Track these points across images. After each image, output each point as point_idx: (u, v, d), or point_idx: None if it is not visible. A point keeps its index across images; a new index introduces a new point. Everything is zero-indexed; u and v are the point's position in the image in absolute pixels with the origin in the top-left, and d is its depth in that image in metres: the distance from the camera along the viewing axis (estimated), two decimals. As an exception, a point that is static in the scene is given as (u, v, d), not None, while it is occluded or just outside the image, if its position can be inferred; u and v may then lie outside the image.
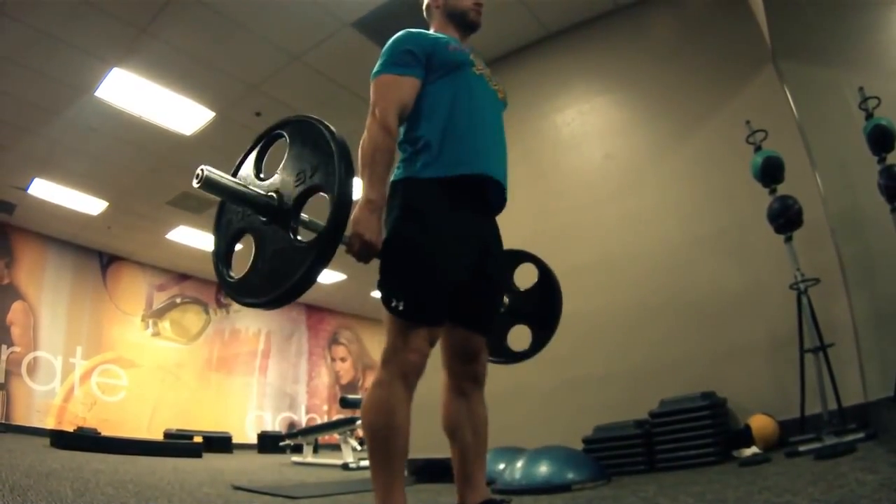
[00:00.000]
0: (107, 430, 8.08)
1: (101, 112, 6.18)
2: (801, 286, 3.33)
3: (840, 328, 3.46)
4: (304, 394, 12.87)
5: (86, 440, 6.18)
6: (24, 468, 3.44)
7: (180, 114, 6.33)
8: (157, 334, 10.74)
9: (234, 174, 1.76)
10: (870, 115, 3.29)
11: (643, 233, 4.38)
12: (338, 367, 13.82)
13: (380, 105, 1.77)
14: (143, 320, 10.63)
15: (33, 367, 8.91)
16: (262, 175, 1.72)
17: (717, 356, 3.87)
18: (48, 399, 8.95)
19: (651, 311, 4.18)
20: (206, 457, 6.89)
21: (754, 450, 3.29)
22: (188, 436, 8.61)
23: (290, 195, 1.57)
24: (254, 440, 10.40)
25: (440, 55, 1.87)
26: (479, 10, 2.12)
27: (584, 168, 4.81)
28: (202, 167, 1.53)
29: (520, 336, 2.28)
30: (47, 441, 6.22)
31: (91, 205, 8.37)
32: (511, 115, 2.15)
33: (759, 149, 3.63)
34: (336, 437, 6.85)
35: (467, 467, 1.83)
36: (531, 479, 3.17)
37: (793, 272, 3.38)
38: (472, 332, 1.85)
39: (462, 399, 1.85)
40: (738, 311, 3.90)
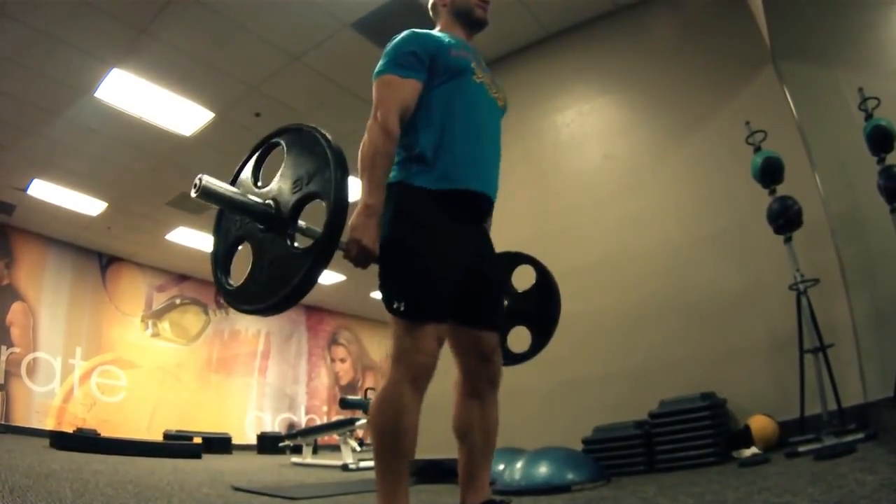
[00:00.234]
0: (106, 431, 8.08)
1: (101, 113, 6.17)
2: (801, 287, 3.33)
3: (840, 329, 3.46)
4: (303, 394, 12.86)
5: (85, 441, 6.18)
6: (23, 469, 3.44)
7: (180, 114, 6.33)
8: (156, 335, 10.74)
9: (233, 182, 1.77)
10: (869, 116, 3.29)
11: (643, 233, 4.38)
12: (337, 368, 13.81)
13: (382, 107, 1.76)
14: (142, 321, 10.62)
15: (33, 368, 8.91)
16: (259, 183, 1.73)
17: (717, 357, 3.87)
18: (48, 400, 8.94)
19: (651, 311, 4.18)
20: (205, 458, 6.89)
21: (754, 450, 3.29)
22: (188, 437, 8.61)
23: (287, 203, 1.58)
24: (253, 441, 10.40)
25: (443, 59, 1.86)
26: (485, 7, 2.12)
27: (584, 169, 4.81)
28: (200, 176, 1.54)
29: (519, 337, 2.28)
30: (47, 442, 6.22)
31: (90, 205, 8.37)
32: (511, 116, 2.16)
33: (758, 149, 3.63)
34: (335, 437, 6.84)
35: (474, 469, 1.82)
36: (531, 480, 3.17)
37: (792, 273, 3.38)
38: (482, 329, 1.85)
39: (475, 401, 1.85)
40: (738, 312, 3.90)
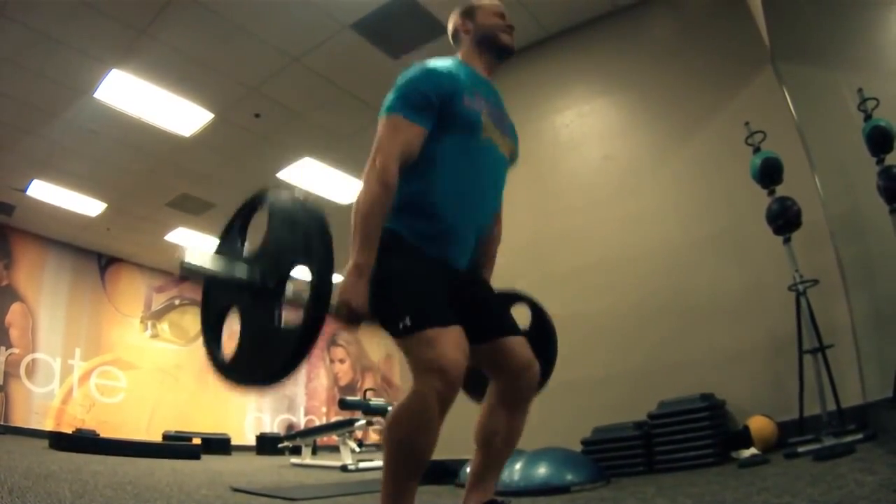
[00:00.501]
0: (105, 432, 8.07)
1: (100, 113, 6.17)
2: (800, 287, 3.33)
3: (839, 329, 3.46)
4: (302, 395, 12.85)
5: (84, 442, 6.17)
6: (22, 470, 3.43)
7: (179, 115, 6.32)
8: (155, 336, 10.73)
9: (219, 248, 1.72)
10: (868, 117, 3.30)
11: (642, 234, 4.38)
12: (336, 369, 13.80)
13: (383, 152, 1.67)
14: (141, 322, 10.62)
15: (32, 369, 8.90)
16: (245, 247, 1.67)
17: (716, 357, 3.87)
18: (47, 401, 8.93)
19: (650, 312, 4.18)
20: (204, 458, 6.88)
21: (753, 451, 3.29)
22: (187, 437, 8.60)
23: (272, 273, 1.52)
24: (252, 442, 10.39)
25: (454, 108, 1.76)
26: (510, 33, 2.02)
27: (584, 169, 4.81)
28: (181, 254, 1.49)
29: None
30: (46, 443, 6.22)
31: (90, 206, 8.36)
32: (510, 117, 2.13)
33: (757, 150, 3.63)
34: (335, 438, 6.84)
35: (486, 473, 1.79)
36: (530, 481, 3.17)
37: (792, 273, 3.38)
38: (504, 337, 1.79)
39: (504, 410, 1.79)
40: (737, 313, 3.90)
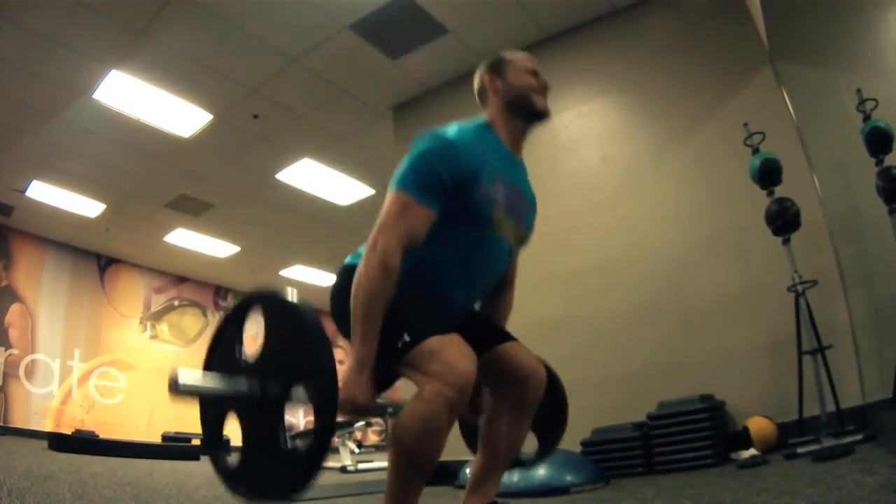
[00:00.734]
0: (105, 433, 8.06)
1: (99, 114, 6.17)
2: (800, 288, 3.33)
3: (838, 330, 3.46)
4: (302, 396, 12.82)
5: (84, 443, 6.17)
6: (21, 471, 3.43)
7: (178, 116, 6.31)
8: (154, 337, 10.71)
9: (212, 348, 1.66)
10: (867, 117, 3.30)
11: (641, 235, 4.38)
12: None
13: (387, 234, 1.54)
14: (140, 323, 10.60)
15: (31, 370, 8.89)
16: (242, 352, 1.61)
17: (716, 358, 3.87)
18: (46, 401, 8.92)
19: (649, 313, 4.18)
20: (203, 459, 6.87)
21: (752, 452, 3.29)
22: (186, 438, 8.57)
23: (273, 387, 1.47)
24: (252, 443, 10.36)
25: (469, 195, 1.63)
26: (545, 94, 1.88)
27: (583, 170, 4.81)
28: (174, 375, 1.36)
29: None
30: (45, 443, 6.21)
31: (89, 207, 8.35)
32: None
33: (756, 151, 3.63)
34: (334, 439, 6.83)
35: (488, 475, 1.77)
36: (529, 482, 3.17)
37: (791, 274, 3.38)
38: (503, 344, 1.77)
39: (509, 416, 1.75)
40: (737, 314, 3.90)
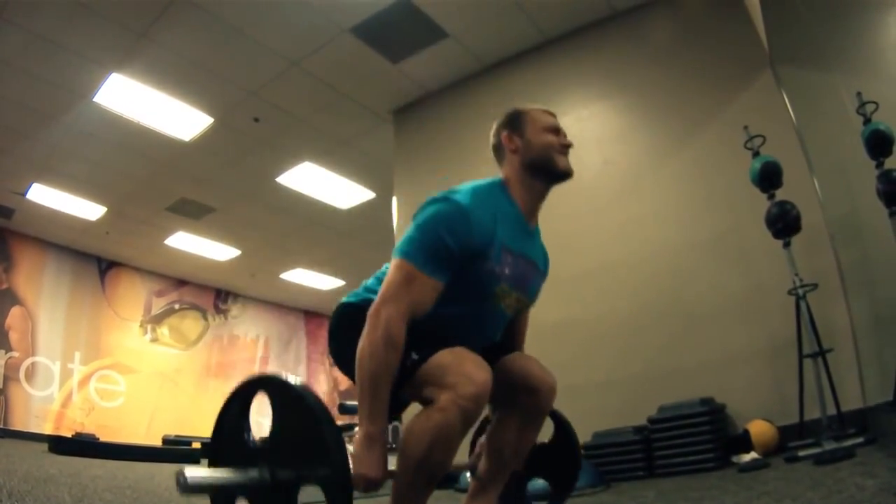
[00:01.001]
0: (105, 436, 8.05)
1: (100, 117, 6.17)
2: (800, 291, 3.33)
3: (839, 333, 3.46)
4: (302, 400, 12.81)
5: (84, 445, 6.16)
6: (21, 473, 3.42)
7: (179, 119, 6.32)
8: (155, 340, 10.71)
9: (217, 434, 1.64)
10: (868, 120, 3.29)
11: (642, 238, 4.38)
12: (336, 374, 13.76)
13: (389, 306, 1.48)
14: (141, 326, 10.59)
15: (31, 373, 8.88)
16: (250, 437, 1.59)
17: (716, 362, 3.87)
18: (46, 404, 8.91)
19: (650, 316, 4.18)
20: (204, 463, 6.86)
21: (753, 455, 3.28)
22: (186, 442, 8.57)
23: (283, 471, 1.45)
24: (252, 446, 10.35)
25: (475, 267, 1.58)
26: (567, 154, 1.76)
27: (583, 174, 4.73)
28: (182, 474, 1.32)
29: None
30: (45, 446, 6.20)
31: (89, 210, 8.36)
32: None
33: (757, 154, 3.63)
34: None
35: (492, 481, 1.76)
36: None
37: (791, 277, 3.38)
38: (509, 353, 1.77)
39: (518, 425, 1.73)
40: (737, 317, 3.90)
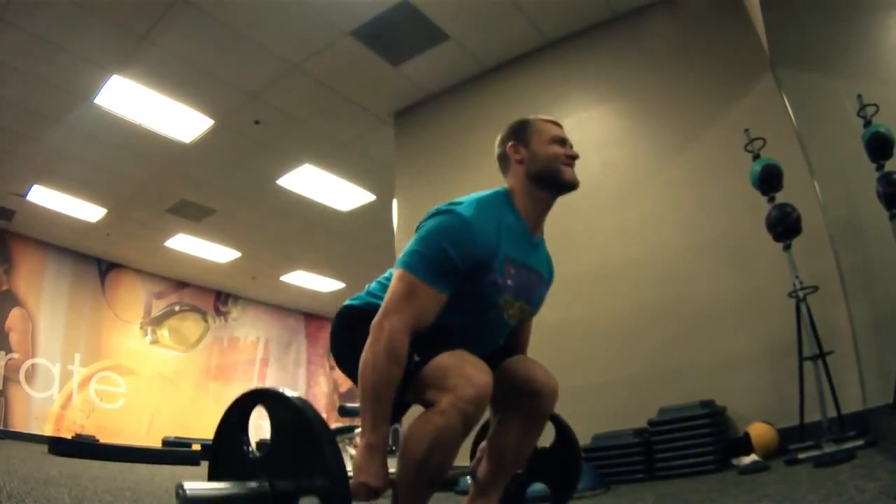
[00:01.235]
0: (105, 438, 8.07)
1: (101, 119, 6.18)
2: (800, 294, 3.32)
3: (839, 336, 3.46)
4: (302, 402, 12.81)
5: (84, 447, 6.16)
6: (21, 475, 3.42)
7: (179, 121, 6.33)
8: (155, 342, 10.71)
9: (216, 447, 1.65)
10: (868, 123, 3.29)
11: (642, 241, 4.38)
12: (336, 376, 13.76)
13: (392, 318, 1.48)
14: (141, 328, 10.60)
15: (31, 374, 8.89)
16: (249, 449, 1.61)
17: (716, 364, 3.87)
18: (46, 406, 8.92)
19: (650, 318, 4.18)
20: (203, 464, 6.86)
21: (753, 458, 3.27)
22: (186, 444, 8.57)
23: (282, 483, 1.46)
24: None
25: (478, 279, 1.58)
26: (573, 165, 1.79)
27: (583, 176, 4.72)
28: (181, 488, 1.35)
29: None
30: (45, 448, 6.19)
31: (90, 212, 8.37)
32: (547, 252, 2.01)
33: (757, 157, 3.63)
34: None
35: (492, 484, 1.76)
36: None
37: (791, 280, 3.37)
38: (512, 356, 1.76)
39: (519, 428, 1.73)
40: (737, 319, 3.90)
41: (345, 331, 1.64)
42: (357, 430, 6.40)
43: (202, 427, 10.21)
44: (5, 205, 8.21)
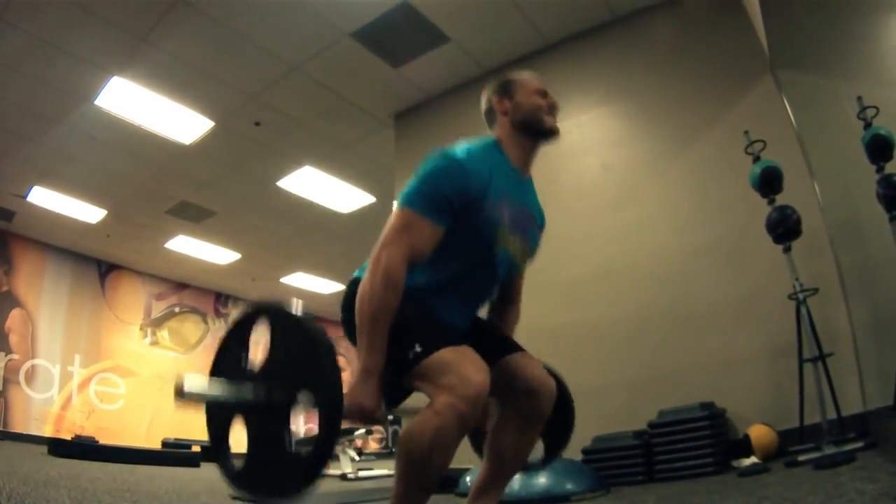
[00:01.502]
0: (105, 439, 8.07)
1: (101, 120, 6.18)
2: (800, 296, 3.32)
3: (839, 337, 3.46)
4: (302, 403, 12.81)
5: (83, 448, 6.15)
6: (21, 476, 3.42)
7: (179, 123, 6.33)
8: (155, 343, 10.71)
9: (218, 358, 1.69)
10: (868, 125, 3.29)
11: (642, 243, 4.38)
12: (336, 377, 13.78)
13: (391, 248, 1.56)
14: (141, 329, 10.60)
15: (31, 375, 8.88)
16: (247, 360, 1.63)
17: (716, 366, 3.87)
18: (46, 407, 8.91)
19: (650, 321, 4.18)
20: (204, 466, 6.85)
21: (753, 460, 3.28)
22: (186, 445, 8.55)
23: (279, 394, 1.48)
24: (252, 450, 10.34)
25: (474, 214, 1.65)
26: (555, 114, 1.88)
27: (583, 178, 4.81)
28: (180, 381, 1.40)
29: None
30: (45, 449, 6.18)
31: (90, 213, 8.37)
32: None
33: (757, 159, 3.63)
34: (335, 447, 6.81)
35: (491, 486, 1.77)
36: (530, 490, 3.16)
37: (791, 282, 3.37)
38: (511, 353, 1.77)
39: (517, 428, 1.74)
40: (737, 321, 3.90)
41: (351, 299, 1.66)
42: (357, 433, 6.43)
43: (202, 429, 10.19)
44: (5, 206, 8.21)
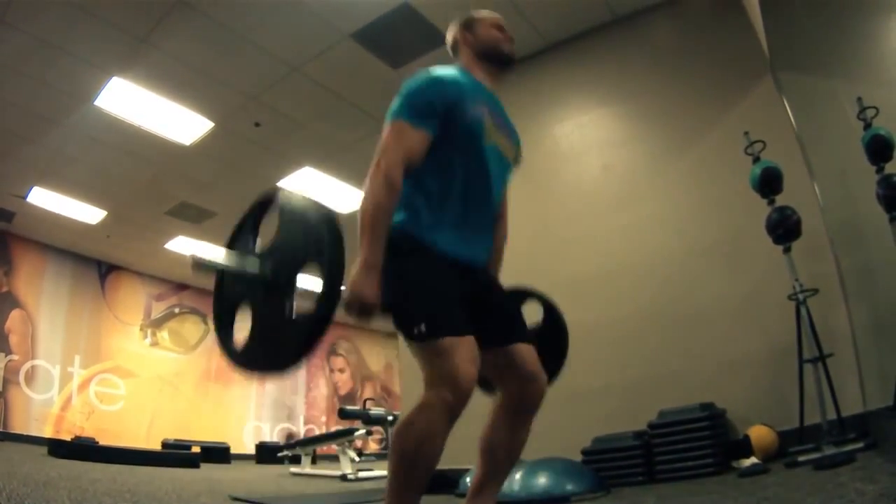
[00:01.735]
0: (104, 440, 8.06)
1: (101, 121, 6.18)
2: (800, 297, 3.32)
3: (839, 338, 3.45)
4: (302, 405, 12.82)
5: (83, 449, 6.15)
6: (21, 477, 3.42)
7: (179, 123, 6.34)
8: (155, 344, 10.72)
9: (231, 242, 1.78)
10: (868, 125, 3.30)
11: (642, 244, 4.38)
12: (336, 379, 13.78)
13: (387, 155, 1.70)
14: (141, 330, 10.61)
15: (31, 376, 8.88)
16: (257, 244, 1.73)
17: (716, 367, 3.86)
18: (46, 408, 8.92)
19: (650, 321, 4.17)
20: (203, 467, 6.86)
21: (753, 460, 3.27)
22: (186, 446, 8.56)
23: (284, 269, 1.57)
24: (252, 451, 10.34)
25: (458, 115, 1.77)
26: (511, 41, 2.04)
27: (583, 179, 4.81)
28: (193, 254, 1.57)
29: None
30: (45, 450, 6.20)
31: (90, 214, 8.38)
32: (514, 123, 2.12)
33: (757, 159, 3.63)
34: (334, 448, 6.81)
35: (488, 484, 1.79)
36: (530, 491, 3.16)
37: (791, 283, 3.37)
38: (513, 344, 1.80)
39: (508, 423, 1.80)
40: (737, 322, 3.90)
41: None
42: (357, 433, 6.43)
43: (202, 429, 10.23)
44: (5, 206, 8.22)
